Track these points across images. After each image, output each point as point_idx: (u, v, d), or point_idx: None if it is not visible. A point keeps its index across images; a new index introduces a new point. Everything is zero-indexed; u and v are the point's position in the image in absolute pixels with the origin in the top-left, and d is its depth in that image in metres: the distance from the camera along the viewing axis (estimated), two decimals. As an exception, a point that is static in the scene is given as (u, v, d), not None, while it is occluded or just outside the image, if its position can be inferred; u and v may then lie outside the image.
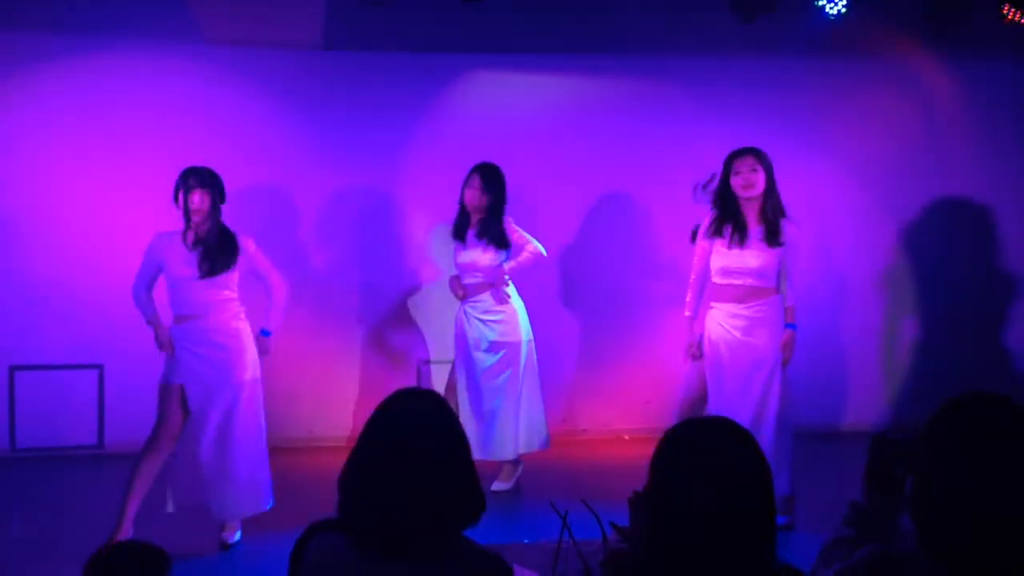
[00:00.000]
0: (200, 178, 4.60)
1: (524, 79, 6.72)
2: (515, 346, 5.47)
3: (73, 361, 6.29)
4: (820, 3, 5.89)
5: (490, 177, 5.47)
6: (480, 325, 5.48)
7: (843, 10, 5.88)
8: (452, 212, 5.93)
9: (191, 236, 4.64)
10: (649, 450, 1.82)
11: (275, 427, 6.33)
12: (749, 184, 4.80)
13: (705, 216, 5.02)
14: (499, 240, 5.48)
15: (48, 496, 5.62)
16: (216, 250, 4.60)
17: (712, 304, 4.97)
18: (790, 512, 4.84)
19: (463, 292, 5.55)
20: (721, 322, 4.89)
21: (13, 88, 6.21)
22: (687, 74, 6.77)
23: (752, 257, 4.81)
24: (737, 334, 4.85)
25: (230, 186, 6.39)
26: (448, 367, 5.92)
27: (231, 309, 4.68)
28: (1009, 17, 6.12)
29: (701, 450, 1.71)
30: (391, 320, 6.68)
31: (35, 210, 6.25)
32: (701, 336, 4.96)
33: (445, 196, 6.56)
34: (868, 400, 7.00)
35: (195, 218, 4.61)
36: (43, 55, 6.19)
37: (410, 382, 6.44)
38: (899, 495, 1.95)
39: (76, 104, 6.26)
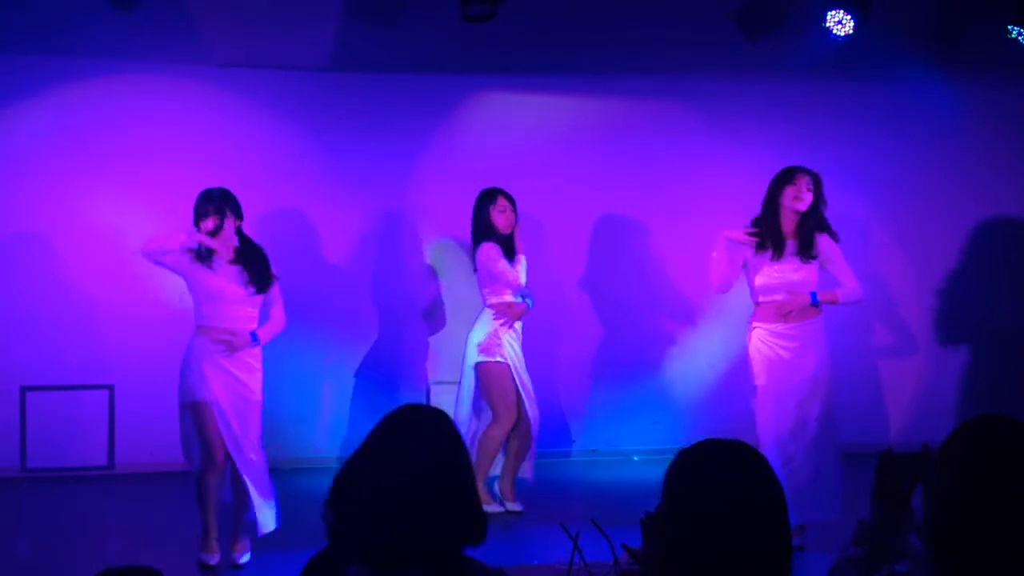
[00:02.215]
0: (215, 204, 4.59)
1: (530, 99, 6.75)
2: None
3: (83, 382, 6.30)
4: (827, 24, 5.90)
5: (513, 200, 5.56)
6: (518, 345, 5.51)
7: (850, 31, 5.90)
8: (460, 230, 5.95)
9: (217, 256, 4.62)
10: (658, 471, 1.82)
11: (284, 448, 6.34)
12: (798, 198, 4.75)
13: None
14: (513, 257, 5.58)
15: (57, 517, 5.62)
16: (257, 267, 4.64)
17: (756, 324, 4.86)
18: (802, 534, 4.81)
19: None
20: (768, 342, 4.80)
21: (26, 110, 6.26)
22: (695, 95, 6.79)
23: (792, 271, 4.79)
24: (786, 354, 4.76)
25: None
26: (454, 387, 5.91)
27: (253, 328, 4.72)
28: (1016, 38, 6.13)
29: (714, 473, 1.70)
30: (400, 340, 6.68)
31: (46, 231, 6.28)
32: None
33: (453, 215, 6.58)
34: (876, 420, 6.96)
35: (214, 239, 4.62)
36: (56, 78, 6.24)
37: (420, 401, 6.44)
38: (906, 511, 1.94)
39: (87, 126, 6.31)
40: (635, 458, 6.75)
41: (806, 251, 4.79)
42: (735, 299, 6.83)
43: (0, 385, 6.21)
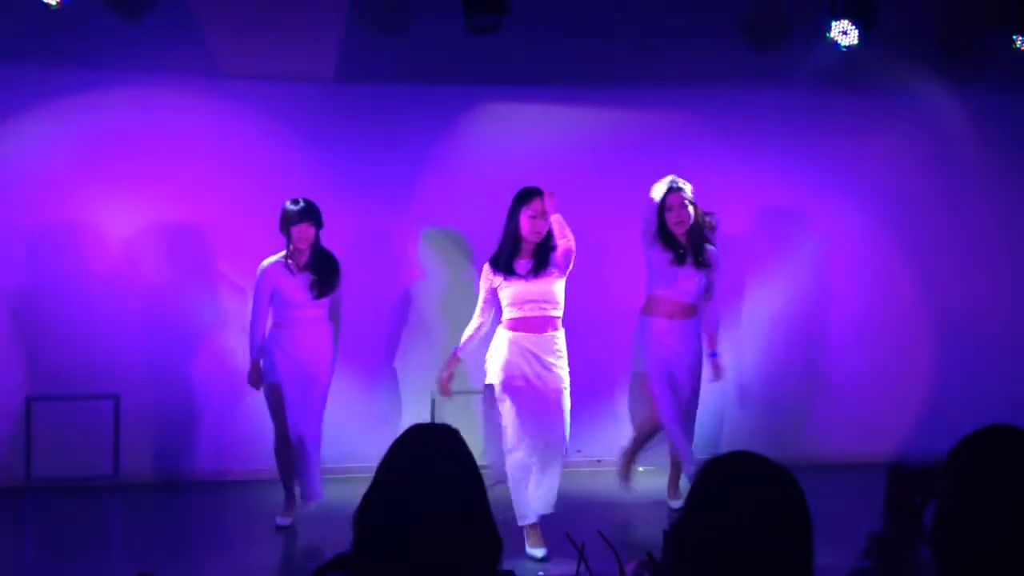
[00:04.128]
0: (302, 212, 5.20)
1: (535, 110, 6.74)
2: (562, 393, 5.02)
3: (89, 391, 6.30)
4: (831, 36, 5.90)
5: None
6: (543, 365, 4.95)
7: (855, 41, 5.90)
8: (464, 240, 5.94)
9: (293, 263, 5.26)
10: (662, 481, 1.82)
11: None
12: (680, 221, 5.38)
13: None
14: (549, 265, 4.97)
15: (64, 527, 5.62)
16: (324, 275, 5.29)
17: (649, 317, 5.49)
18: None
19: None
20: (661, 332, 5.45)
21: (31, 120, 6.26)
22: (700, 105, 6.79)
23: (690, 277, 5.40)
24: (676, 343, 5.45)
25: (241, 216, 6.47)
26: (464, 398, 5.88)
27: (323, 324, 5.39)
28: (1022, 48, 6.13)
29: (742, 490, 1.67)
30: (403, 350, 6.68)
31: (50, 240, 6.28)
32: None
33: (458, 225, 6.60)
34: (885, 431, 6.95)
35: (301, 245, 5.21)
36: (62, 88, 6.24)
37: (424, 414, 6.42)
38: (918, 525, 1.94)
39: (92, 135, 6.31)
40: (639, 468, 6.72)
41: (701, 260, 5.43)
42: (744, 312, 6.88)
43: (6, 395, 6.21)
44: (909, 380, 7.07)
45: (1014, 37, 6.12)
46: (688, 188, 5.41)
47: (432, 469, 1.90)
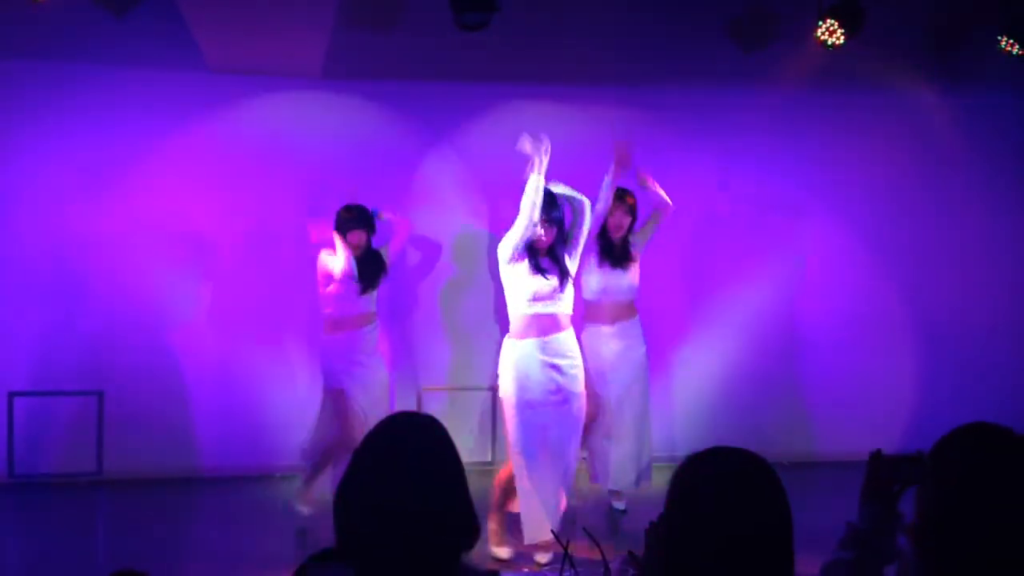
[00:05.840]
0: (355, 219, 5.49)
1: (523, 107, 6.74)
2: (580, 398, 4.79)
3: (73, 387, 6.27)
4: (818, 35, 5.92)
5: (553, 202, 4.83)
6: (550, 371, 4.69)
7: (840, 41, 5.91)
8: (453, 238, 5.92)
9: (346, 263, 5.47)
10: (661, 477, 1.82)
11: (275, 455, 6.33)
12: (619, 226, 5.53)
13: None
14: (563, 269, 4.79)
15: (46, 523, 5.59)
16: (369, 268, 5.54)
17: (589, 324, 5.45)
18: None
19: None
20: (601, 341, 5.45)
21: (17, 116, 6.24)
22: (688, 105, 6.80)
23: (624, 276, 5.50)
24: (618, 349, 5.47)
25: (227, 213, 6.45)
26: (451, 394, 5.87)
27: (370, 325, 5.59)
28: (1006, 48, 6.16)
29: (722, 486, 1.68)
30: (391, 347, 6.67)
31: (36, 236, 6.26)
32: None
33: (447, 222, 6.59)
34: (869, 430, 6.98)
35: (353, 252, 5.47)
36: (48, 84, 6.22)
37: (411, 408, 6.42)
38: (894, 512, 1.95)
39: (79, 132, 6.29)
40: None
41: (632, 259, 5.59)
42: (730, 311, 6.89)
43: (-12, 390, 6.18)
44: (894, 380, 7.10)
45: (999, 38, 6.15)
46: (631, 200, 5.57)
47: (411, 454, 1.91)
